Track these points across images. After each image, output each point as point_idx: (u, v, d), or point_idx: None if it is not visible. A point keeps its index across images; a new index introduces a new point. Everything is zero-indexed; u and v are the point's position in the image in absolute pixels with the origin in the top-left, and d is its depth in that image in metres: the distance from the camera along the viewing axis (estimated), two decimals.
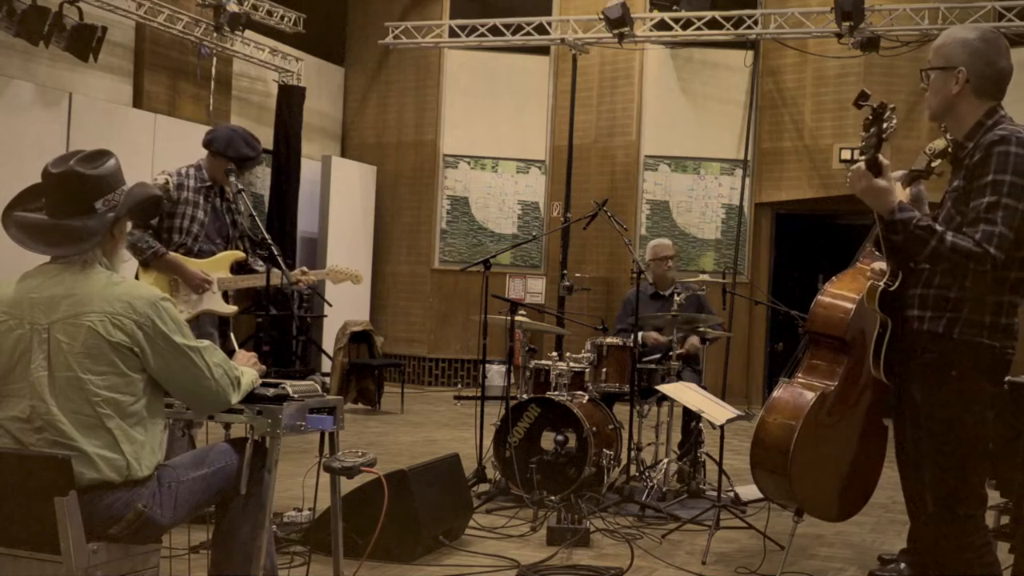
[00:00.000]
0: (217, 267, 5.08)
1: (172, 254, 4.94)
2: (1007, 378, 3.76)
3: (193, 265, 4.99)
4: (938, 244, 2.82)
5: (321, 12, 12.29)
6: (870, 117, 2.92)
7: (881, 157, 2.93)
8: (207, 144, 5.08)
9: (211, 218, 5.11)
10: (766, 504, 4.94)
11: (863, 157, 2.94)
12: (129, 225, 4.74)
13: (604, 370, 6.17)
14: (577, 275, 11.29)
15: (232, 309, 5.11)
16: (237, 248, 5.21)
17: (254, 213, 5.30)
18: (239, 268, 5.17)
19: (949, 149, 3.22)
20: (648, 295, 6.69)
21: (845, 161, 11.01)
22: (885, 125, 2.89)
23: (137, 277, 4.94)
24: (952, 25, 10.16)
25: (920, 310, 3.02)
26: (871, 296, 3.10)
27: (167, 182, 4.95)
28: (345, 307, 11.18)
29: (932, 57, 3.08)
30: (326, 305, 10.82)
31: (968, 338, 2.93)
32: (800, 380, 4.38)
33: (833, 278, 4.42)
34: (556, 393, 5.95)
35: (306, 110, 11.82)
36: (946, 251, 2.81)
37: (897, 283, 3.06)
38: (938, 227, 2.85)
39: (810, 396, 4.26)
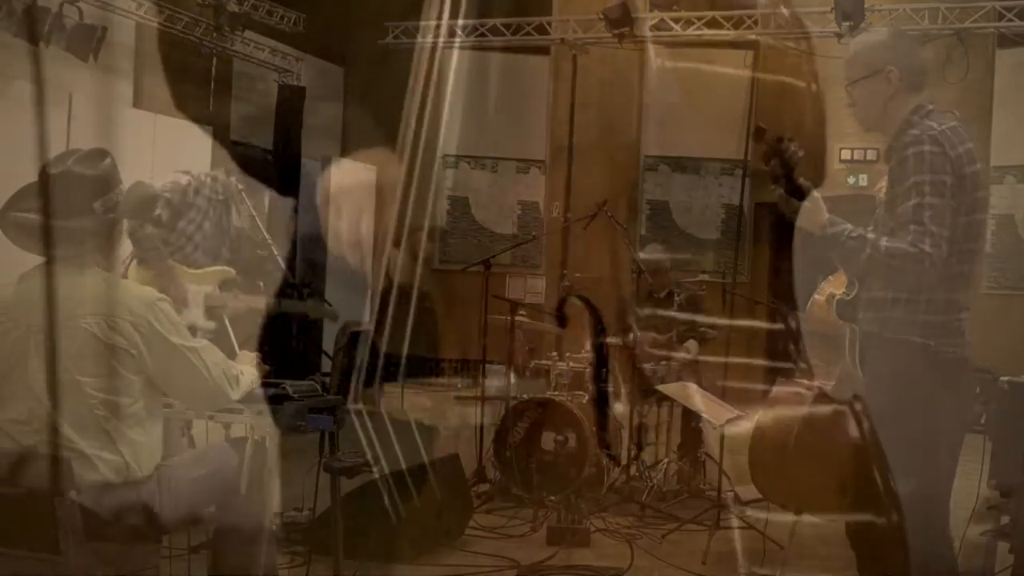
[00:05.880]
0: (206, 280, 4.98)
1: (173, 263, 4.85)
2: (1006, 378, 3.76)
3: (187, 278, 4.90)
4: (873, 251, 2.83)
5: (321, 12, 12.27)
6: (767, 151, 2.93)
7: (802, 180, 2.94)
8: None
9: (215, 231, 5.00)
10: (766, 504, 4.94)
11: (774, 187, 2.99)
12: (149, 226, 4.71)
13: (604, 370, 6.17)
14: (577, 275, 11.27)
15: (209, 325, 4.98)
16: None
17: (254, 213, 5.28)
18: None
19: None
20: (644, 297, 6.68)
21: (845, 161, 11.01)
22: (787, 156, 2.89)
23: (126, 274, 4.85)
24: (952, 25, 10.17)
25: (864, 312, 3.03)
26: (828, 307, 3.13)
27: (189, 183, 4.81)
28: (345, 307, 11.18)
29: (851, 72, 3.06)
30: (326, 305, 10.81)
31: (902, 336, 2.91)
32: (798, 380, 4.38)
33: (830, 277, 4.41)
34: (556, 393, 5.95)
35: (306, 110, 11.81)
36: (883, 257, 2.82)
37: (854, 292, 3.07)
38: (870, 235, 2.86)
39: (808, 396, 4.26)
